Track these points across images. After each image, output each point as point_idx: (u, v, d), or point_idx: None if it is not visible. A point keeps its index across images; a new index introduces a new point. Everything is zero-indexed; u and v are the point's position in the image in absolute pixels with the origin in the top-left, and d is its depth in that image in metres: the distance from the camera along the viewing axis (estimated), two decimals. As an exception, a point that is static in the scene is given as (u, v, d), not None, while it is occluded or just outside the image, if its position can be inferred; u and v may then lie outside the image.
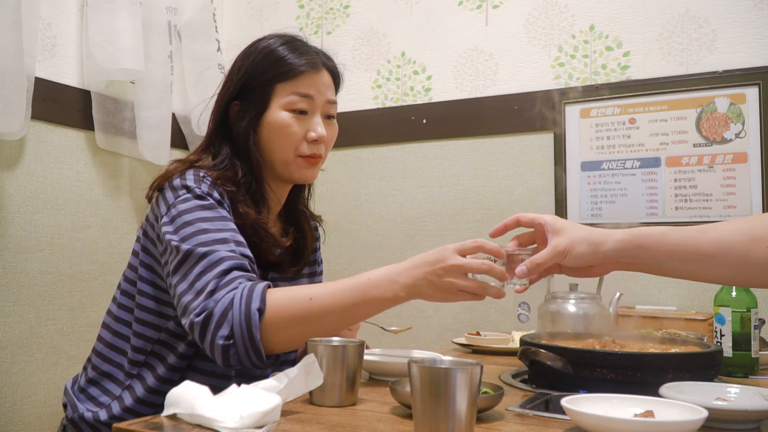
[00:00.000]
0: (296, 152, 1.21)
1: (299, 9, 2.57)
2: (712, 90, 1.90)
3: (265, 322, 0.95)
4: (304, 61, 1.21)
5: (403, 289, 0.97)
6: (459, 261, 0.96)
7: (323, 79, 1.24)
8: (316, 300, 0.97)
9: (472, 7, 2.26)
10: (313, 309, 0.96)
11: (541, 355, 1.07)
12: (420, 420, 0.75)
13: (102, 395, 1.20)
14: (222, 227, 1.06)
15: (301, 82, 1.21)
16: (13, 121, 1.70)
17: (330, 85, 1.26)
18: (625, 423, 0.74)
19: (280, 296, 0.97)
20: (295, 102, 1.20)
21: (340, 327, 1.01)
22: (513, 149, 2.16)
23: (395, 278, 0.98)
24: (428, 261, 0.97)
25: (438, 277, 0.96)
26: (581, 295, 1.47)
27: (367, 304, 0.98)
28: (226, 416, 0.78)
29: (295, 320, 0.96)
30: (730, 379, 1.21)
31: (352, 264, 2.39)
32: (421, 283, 0.97)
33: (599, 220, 2.02)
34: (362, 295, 0.98)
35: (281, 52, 1.22)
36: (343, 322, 1.00)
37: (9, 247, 1.80)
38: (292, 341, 0.99)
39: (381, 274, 0.99)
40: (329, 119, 1.26)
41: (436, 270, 0.96)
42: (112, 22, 1.94)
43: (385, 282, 0.98)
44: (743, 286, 1.25)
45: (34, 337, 1.85)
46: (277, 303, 0.96)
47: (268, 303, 0.95)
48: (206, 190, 1.11)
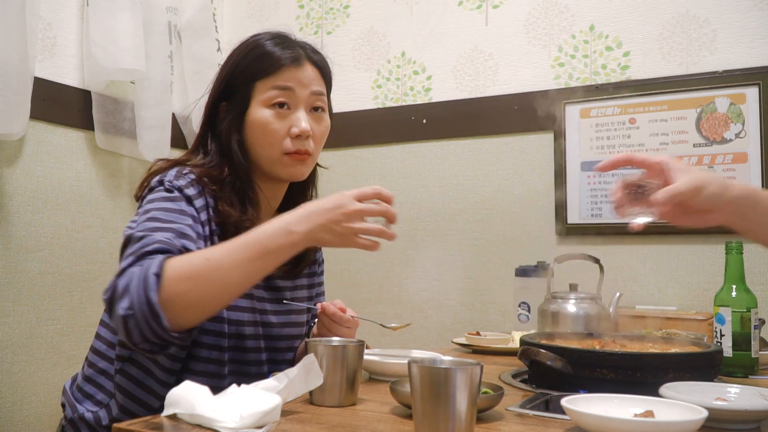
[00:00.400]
0: (281, 150, 1.17)
1: (299, 9, 2.57)
2: (712, 90, 1.90)
3: (163, 285, 0.90)
4: (284, 55, 1.18)
5: (301, 237, 0.96)
6: (358, 206, 0.96)
7: (305, 72, 1.19)
8: (212, 259, 0.93)
9: (472, 7, 2.26)
10: (210, 267, 0.93)
11: (541, 355, 1.07)
12: (420, 420, 0.75)
13: (99, 392, 1.20)
14: (175, 219, 1.04)
15: (280, 76, 1.17)
16: (14, 122, 1.71)
17: (315, 78, 1.21)
18: (625, 423, 0.74)
19: (177, 260, 0.94)
20: (274, 96, 1.17)
21: (242, 283, 0.96)
22: (513, 149, 2.16)
23: (291, 228, 0.96)
24: (327, 208, 0.97)
25: (337, 223, 0.96)
26: (581, 295, 1.47)
27: (265, 256, 0.95)
28: (226, 416, 0.78)
29: (193, 279, 0.92)
30: (730, 379, 1.21)
31: (352, 264, 2.39)
32: (319, 230, 0.96)
33: (599, 220, 2.02)
34: (259, 249, 0.95)
35: (262, 48, 1.19)
36: (244, 278, 0.96)
37: (9, 247, 1.80)
38: (193, 304, 0.93)
39: (275, 225, 0.97)
40: (317, 112, 1.22)
41: (336, 216, 0.96)
42: (112, 22, 1.94)
43: (281, 233, 0.96)
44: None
45: (34, 337, 1.85)
46: (173, 266, 0.92)
47: (165, 267, 0.92)
48: (178, 185, 1.10)
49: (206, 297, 0.94)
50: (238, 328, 1.15)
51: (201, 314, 0.96)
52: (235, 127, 1.19)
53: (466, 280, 2.19)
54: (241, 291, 0.98)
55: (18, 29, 1.70)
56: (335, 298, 1.31)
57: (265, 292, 1.23)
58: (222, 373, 1.15)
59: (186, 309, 0.93)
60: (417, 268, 2.28)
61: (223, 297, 0.96)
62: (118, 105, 2.07)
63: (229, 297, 0.97)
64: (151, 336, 0.92)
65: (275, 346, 1.24)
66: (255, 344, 1.19)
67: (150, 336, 0.92)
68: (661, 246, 1.94)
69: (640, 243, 1.96)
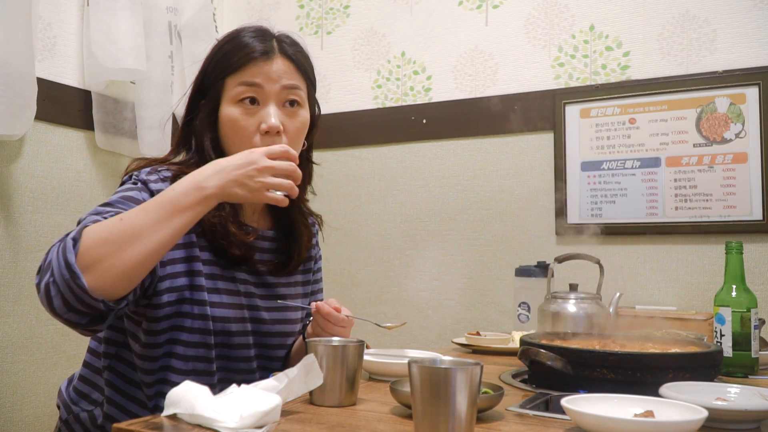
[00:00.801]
0: (251, 147, 1.11)
1: (299, 9, 2.57)
2: (712, 90, 1.90)
3: (80, 249, 0.91)
4: (255, 48, 1.16)
5: (213, 192, 0.97)
6: (269, 163, 1.00)
7: (276, 66, 1.17)
8: (126, 220, 0.94)
9: (472, 7, 2.26)
10: (125, 228, 0.93)
11: (541, 355, 1.07)
12: (420, 420, 0.75)
13: (94, 391, 1.20)
14: (125, 204, 1.04)
15: (248, 71, 1.15)
16: (17, 124, 1.71)
17: (287, 71, 1.18)
18: (625, 423, 0.74)
19: (95, 225, 0.94)
20: (241, 92, 1.15)
21: (159, 243, 0.95)
22: (513, 149, 2.16)
23: (202, 184, 0.97)
24: (238, 164, 0.99)
25: (250, 178, 0.98)
26: (581, 295, 1.47)
27: (179, 214, 0.96)
28: (226, 416, 0.78)
29: (110, 241, 0.92)
30: (730, 379, 1.21)
31: (352, 264, 2.39)
32: (230, 185, 0.98)
33: (599, 220, 2.02)
34: (172, 207, 0.95)
35: (234, 42, 1.18)
36: (161, 236, 0.95)
37: (9, 247, 1.80)
38: (112, 265, 0.92)
39: (186, 182, 0.98)
40: (292, 107, 1.18)
41: (249, 171, 0.98)
42: (113, 22, 1.94)
43: (193, 189, 0.97)
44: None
45: (34, 337, 1.85)
46: (90, 231, 0.93)
47: (83, 233, 0.92)
48: (145, 179, 1.11)
49: (124, 257, 0.92)
50: (224, 325, 1.15)
51: (123, 277, 0.93)
52: (209, 126, 1.18)
53: (466, 280, 2.19)
54: (159, 250, 0.96)
55: (23, 31, 1.70)
56: (333, 298, 1.31)
57: (256, 288, 1.22)
58: (210, 370, 1.15)
59: (106, 271, 0.91)
60: (417, 268, 2.28)
61: (142, 257, 0.94)
62: (119, 105, 2.07)
63: (148, 257, 0.95)
64: (73, 300, 0.90)
65: (265, 342, 1.23)
66: (243, 341, 1.19)
67: (72, 300, 0.90)
68: (661, 246, 1.94)
69: (640, 243, 1.97)
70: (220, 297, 1.15)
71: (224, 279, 1.17)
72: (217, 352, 1.16)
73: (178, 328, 1.12)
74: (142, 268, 0.95)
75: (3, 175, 1.80)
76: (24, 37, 1.70)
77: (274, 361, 1.27)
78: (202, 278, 1.13)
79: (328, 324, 1.20)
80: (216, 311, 1.14)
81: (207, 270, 1.14)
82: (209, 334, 1.14)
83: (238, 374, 1.20)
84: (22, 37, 1.70)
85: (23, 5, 1.70)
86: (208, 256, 1.15)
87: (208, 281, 1.14)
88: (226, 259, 1.17)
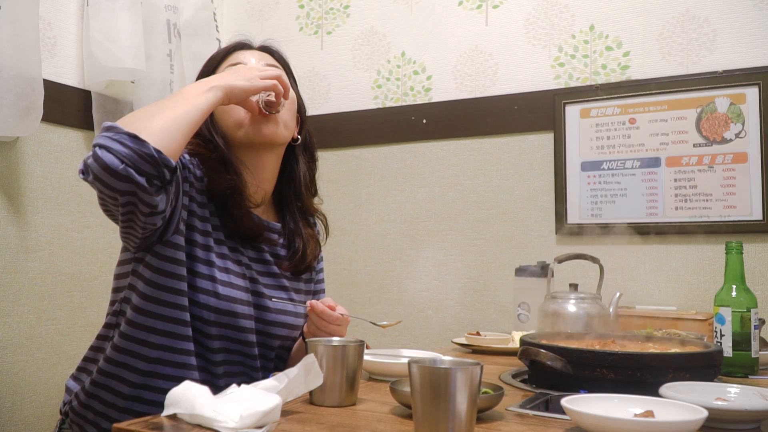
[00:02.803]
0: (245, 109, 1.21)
1: (299, 9, 2.57)
2: (712, 90, 1.90)
3: (117, 123, 0.99)
4: (232, 44, 1.33)
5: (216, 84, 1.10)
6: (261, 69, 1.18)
7: (254, 53, 1.32)
8: (148, 106, 1.08)
9: (472, 7, 2.26)
10: (150, 108, 1.05)
11: (541, 355, 1.07)
12: (420, 420, 0.75)
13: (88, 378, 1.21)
14: None
15: (232, 57, 1.31)
16: (23, 125, 1.71)
17: (265, 57, 1.32)
18: (625, 423, 0.74)
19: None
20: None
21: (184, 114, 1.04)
22: (513, 149, 2.16)
23: (208, 80, 1.12)
24: (237, 70, 1.17)
25: (244, 73, 1.15)
26: (581, 295, 1.47)
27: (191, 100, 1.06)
28: (226, 416, 0.78)
29: (140, 115, 1.03)
30: (730, 379, 1.21)
31: (352, 264, 2.39)
32: (229, 77, 1.13)
33: (599, 220, 2.02)
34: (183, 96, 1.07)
35: (216, 51, 1.36)
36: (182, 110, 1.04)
37: (9, 247, 1.80)
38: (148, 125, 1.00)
39: (195, 83, 1.13)
40: None
41: (243, 69, 1.17)
42: (113, 22, 1.94)
43: (199, 84, 1.11)
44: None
45: (34, 337, 1.85)
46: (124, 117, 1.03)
47: (118, 120, 1.01)
48: None
49: (157, 120, 1.01)
50: (231, 305, 1.17)
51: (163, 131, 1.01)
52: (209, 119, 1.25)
53: (466, 280, 2.19)
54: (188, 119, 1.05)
55: (30, 34, 1.70)
56: (329, 297, 1.31)
57: (261, 276, 1.25)
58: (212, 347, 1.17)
59: (146, 128, 0.99)
60: (417, 268, 2.28)
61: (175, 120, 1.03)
62: (119, 105, 2.07)
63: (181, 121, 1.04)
64: (124, 150, 0.95)
65: (268, 331, 1.25)
66: (247, 324, 1.21)
67: (124, 150, 0.95)
68: (661, 246, 1.94)
69: (640, 243, 1.97)
70: (229, 277, 1.19)
71: (233, 261, 1.21)
72: (221, 332, 1.17)
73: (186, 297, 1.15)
74: (179, 127, 1.03)
75: (3, 175, 1.80)
76: (31, 40, 1.71)
77: (273, 350, 1.28)
78: (213, 254, 1.17)
79: (322, 322, 1.22)
80: (225, 290, 1.17)
81: (218, 249, 1.19)
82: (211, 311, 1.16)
83: (239, 356, 1.22)
84: (30, 40, 1.70)
85: (31, 9, 1.70)
86: (219, 236, 1.20)
87: (218, 259, 1.18)
88: (237, 236, 1.21)
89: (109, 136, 0.95)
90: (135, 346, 1.15)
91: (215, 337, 1.18)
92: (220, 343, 1.19)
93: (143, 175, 0.96)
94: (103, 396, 1.17)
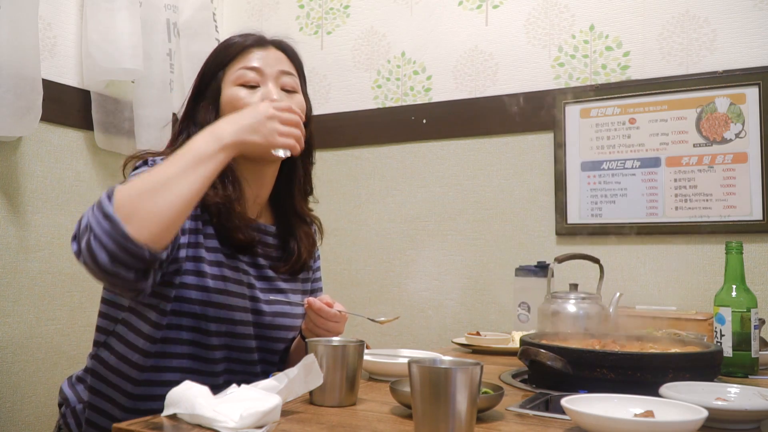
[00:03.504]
0: None
1: (299, 9, 2.57)
2: (712, 90, 1.90)
3: (116, 200, 0.94)
4: (248, 40, 1.25)
5: (230, 142, 1.03)
6: (277, 112, 1.09)
7: (271, 54, 1.25)
8: (154, 172, 0.98)
9: (472, 7, 2.26)
10: (154, 178, 0.97)
11: (541, 355, 1.07)
12: (420, 420, 0.75)
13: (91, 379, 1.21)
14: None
15: (246, 57, 1.23)
16: (21, 126, 1.71)
17: (281, 59, 1.26)
18: (625, 423, 0.74)
19: (122, 184, 0.98)
20: (243, 75, 1.21)
21: (189, 189, 0.98)
22: (513, 149, 2.16)
23: (219, 135, 1.03)
24: (249, 114, 1.08)
25: (261, 124, 1.07)
26: (581, 295, 1.47)
27: (201, 164, 0.99)
28: (226, 416, 0.78)
29: (143, 190, 0.95)
30: (730, 379, 1.21)
31: (352, 264, 2.39)
32: (245, 131, 1.05)
33: (599, 220, 2.02)
34: (194, 157, 0.99)
35: (226, 42, 1.27)
36: (189, 184, 0.97)
37: (9, 247, 1.80)
38: (149, 211, 0.94)
39: (204, 135, 1.03)
40: (289, 93, 1.25)
41: (259, 119, 1.07)
42: (111, 22, 1.94)
43: (211, 141, 1.02)
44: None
45: (34, 337, 1.85)
46: (121, 186, 0.97)
47: (116, 189, 0.96)
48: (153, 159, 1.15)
49: (159, 202, 0.95)
50: (228, 312, 1.17)
51: (161, 221, 0.95)
52: (212, 114, 1.22)
53: (466, 280, 2.19)
54: (191, 196, 0.98)
55: (30, 34, 1.70)
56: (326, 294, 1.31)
57: (257, 281, 1.24)
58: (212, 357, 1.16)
59: (145, 218, 0.94)
60: (417, 268, 2.28)
61: (176, 202, 0.96)
62: (118, 105, 2.07)
63: (181, 202, 0.97)
64: (117, 250, 0.91)
65: (266, 335, 1.25)
66: (245, 331, 1.20)
67: (116, 251, 0.91)
68: (661, 246, 1.94)
69: (640, 243, 1.97)
70: (225, 284, 1.17)
71: (229, 268, 1.19)
72: (220, 341, 1.17)
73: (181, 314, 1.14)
74: (179, 213, 0.97)
75: (3, 175, 1.80)
76: (31, 40, 1.71)
77: (275, 354, 1.28)
78: (205, 265, 1.15)
79: (320, 319, 1.21)
80: (220, 298, 1.16)
81: (212, 257, 1.17)
82: (209, 321, 1.15)
83: (240, 364, 1.21)
84: (29, 40, 1.70)
85: (30, 9, 1.70)
86: (213, 244, 1.18)
87: (212, 268, 1.16)
88: (230, 246, 1.19)
89: (105, 229, 0.91)
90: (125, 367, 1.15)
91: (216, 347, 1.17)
92: (221, 353, 1.18)
93: (132, 270, 0.95)
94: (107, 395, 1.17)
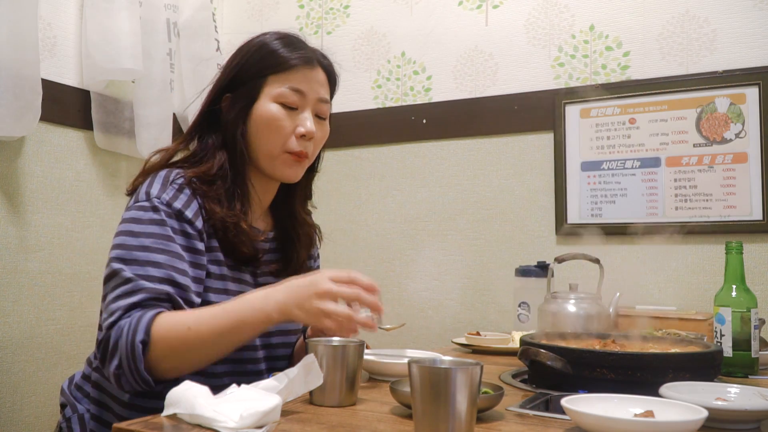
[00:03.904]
0: (283, 147, 1.18)
1: (299, 9, 2.57)
2: (712, 90, 1.90)
3: (149, 355, 0.98)
4: (297, 55, 1.19)
5: (275, 310, 1.00)
6: (330, 287, 0.98)
7: (317, 76, 1.22)
8: (193, 329, 0.99)
9: (472, 7, 2.26)
10: (189, 338, 0.99)
11: (541, 355, 1.07)
12: (420, 420, 0.75)
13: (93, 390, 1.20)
14: (163, 248, 1.06)
15: (293, 75, 1.19)
16: (20, 125, 1.71)
17: (324, 84, 1.24)
18: (625, 423, 0.74)
19: (163, 326, 0.99)
20: (285, 95, 1.18)
21: (221, 351, 1.03)
22: (513, 149, 2.16)
23: (265, 308, 1.01)
24: (303, 285, 1.00)
25: (308, 300, 0.98)
26: (581, 295, 1.47)
27: (241, 330, 1.01)
28: (226, 416, 0.78)
29: (176, 350, 0.99)
30: (730, 379, 1.21)
31: (352, 264, 2.39)
32: (292, 306, 0.99)
33: (599, 220, 2.02)
34: (238, 322, 1.00)
35: (275, 45, 1.20)
36: (223, 346, 1.03)
37: (9, 247, 1.80)
38: (176, 369, 1.02)
39: (256, 302, 1.01)
40: (320, 120, 1.23)
41: (309, 294, 0.99)
42: (110, 22, 1.94)
43: (260, 310, 1.00)
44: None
45: (34, 337, 1.85)
46: (159, 333, 0.98)
47: (152, 334, 0.97)
48: (167, 200, 1.10)
49: (188, 362, 1.02)
50: None
51: (182, 372, 1.02)
52: (242, 119, 1.19)
53: (466, 280, 2.19)
54: (219, 356, 1.04)
55: (29, 34, 1.70)
56: None
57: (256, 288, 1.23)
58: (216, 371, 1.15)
59: (171, 374, 1.01)
60: (417, 268, 2.28)
61: (202, 362, 1.04)
62: (118, 105, 2.07)
63: (208, 361, 1.04)
64: (140, 388, 1.01)
65: (270, 342, 1.24)
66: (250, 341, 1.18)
67: (139, 388, 1.01)
68: (661, 246, 1.94)
69: (640, 243, 1.96)
70: (229, 298, 1.15)
71: (232, 280, 1.18)
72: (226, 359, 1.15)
73: None
74: (199, 367, 1.05)
75: (3, 175, 1.80)
76: (30, 40, 1.71)
77: (280, 360, 1.27)
78: (211, 279, 1.14)
79: None
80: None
81: (215, 270, 1.15)
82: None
83: (246, 377, 1.19)
84: (29, 40, 1.70)
85: (30, 8, 1.70)
86: (217, 257, 1.16)
87: (216, 281, 1.15)
88: (235, 259, 1.18)
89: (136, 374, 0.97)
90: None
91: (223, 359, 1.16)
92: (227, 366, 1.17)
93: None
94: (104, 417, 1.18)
